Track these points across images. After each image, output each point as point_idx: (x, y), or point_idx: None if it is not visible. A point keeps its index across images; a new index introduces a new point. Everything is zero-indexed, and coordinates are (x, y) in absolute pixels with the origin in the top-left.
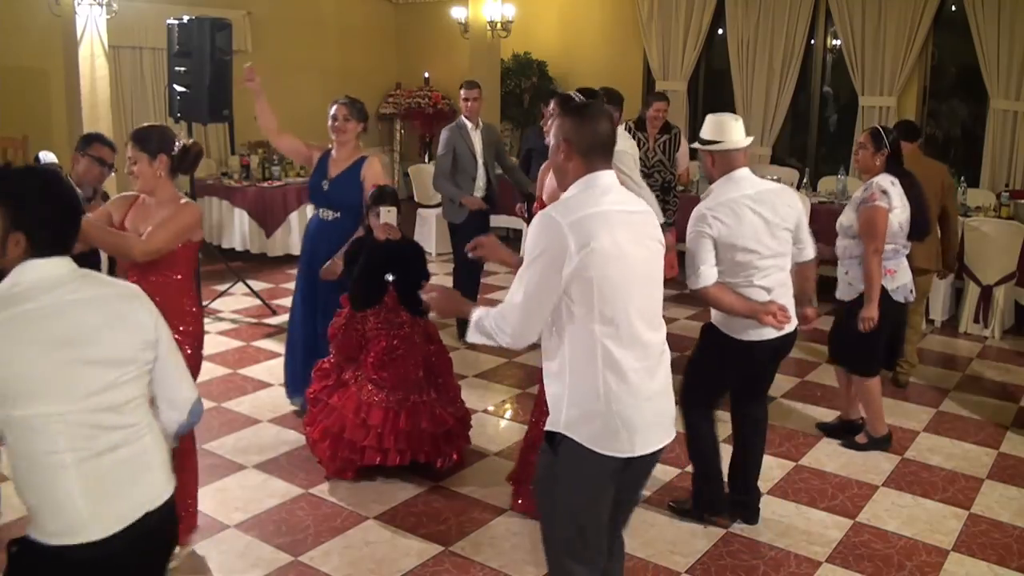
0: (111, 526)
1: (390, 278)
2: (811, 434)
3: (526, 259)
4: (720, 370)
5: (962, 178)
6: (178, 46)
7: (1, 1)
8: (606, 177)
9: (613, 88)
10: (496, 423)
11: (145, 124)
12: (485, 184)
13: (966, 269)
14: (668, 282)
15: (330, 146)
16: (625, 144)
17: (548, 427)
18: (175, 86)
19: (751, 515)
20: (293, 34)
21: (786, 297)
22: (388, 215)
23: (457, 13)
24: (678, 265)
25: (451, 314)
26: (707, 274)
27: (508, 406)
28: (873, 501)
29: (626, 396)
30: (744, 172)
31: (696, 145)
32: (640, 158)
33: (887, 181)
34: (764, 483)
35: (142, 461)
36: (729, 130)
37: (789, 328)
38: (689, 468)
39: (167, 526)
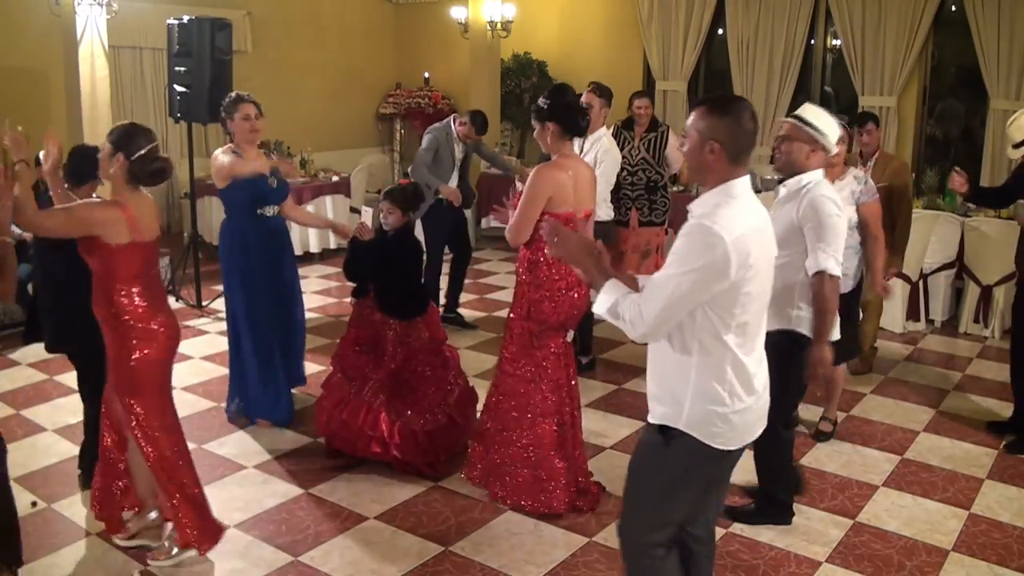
0: None
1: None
2: (811, 434)
3: (678, 264)
4: (800, 375)
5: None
6: (178, 46)
7: (1, 1)
8: (746, 181)
9: (603, 83)
10: None
11: (130, 122)
12: (457, 186)
13: (966, 269)
14: None
15: (232, 147)
16: (612, 143)
17: (661, 421)
18: (175, 86)
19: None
20: (293, 34)
21: None
22: (366, 214)
23: (457, 13)
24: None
25: (574, 263)
26: (837, 263)
27: None
28: (873, 501)
29: (746, 397)
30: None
31: (808, 128)
32: (624, 156)
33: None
34: None
35: None
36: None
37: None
38: None
39: None
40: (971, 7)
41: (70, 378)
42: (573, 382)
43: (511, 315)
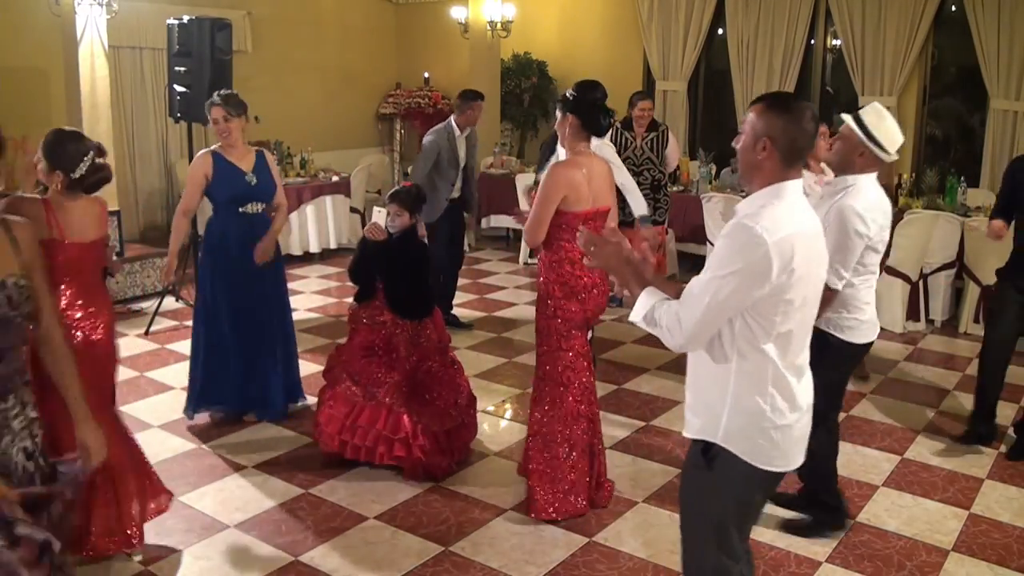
0: None
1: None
2: None
3: (718, 266)
4: (844, 380)
5: (962, 178)
6: (178, 46)
7: (1, 1)
8: (798, 185)
9: (596, 80)
10: (496, 423)
11: (61, 132)
12: (461, 186)
13: (966, 269)
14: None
15: (215, 148)
16: (605, 138)
17: (699, 435)
18: (175, 86)
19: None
20: (293, 34)
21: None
22: (378, 215)
23: (457, 13)
24: (667, 265)
25: (612, 271)
26: (840, 278)
27: (508, 406)
28: (873, 501)
29: (789, 413)
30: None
31: (859, 132)
32: (628, 157)
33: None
34: None
35: None
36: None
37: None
38: None
39: None
40: (971, 7)
41: None
42: (594, 380)
43: (537, 316)
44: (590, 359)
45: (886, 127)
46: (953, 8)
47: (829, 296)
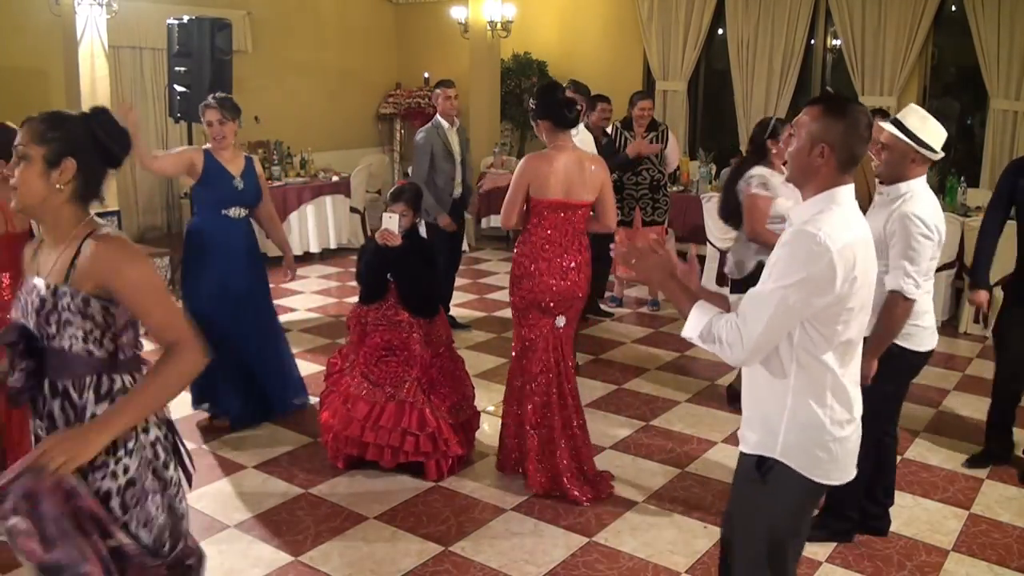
0: None
1: (389, 276)
2: None
3: (781, 276)
4: (900, 394)
5: (962, 178)
6: (178, 46)
7: (1, 1)
8: (851, 192)
9: (580, 81)
10: (496, 423)
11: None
12: (462, 182)
13: (966, 269)
14: None
15: (206, 147)
16: (588, 135)
17: (756, 450)
18: (175, 86)
19: (886, 525)
20: (293, 34)
21: None
22: (390, 221)
23: (457, 13)
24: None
25: (655, 286)
26: (916, 285)
27: None
28: None
29: (847, 425)
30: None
31: (905, 138)
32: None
33: None
34: None
35: None
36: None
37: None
38: (690, 468)
39: None
40: (971, 7)
41: None
42: (567, 366)
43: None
44: (560, 348)
45: (930, 127)
46: (953, 8)
47: (907, 307)
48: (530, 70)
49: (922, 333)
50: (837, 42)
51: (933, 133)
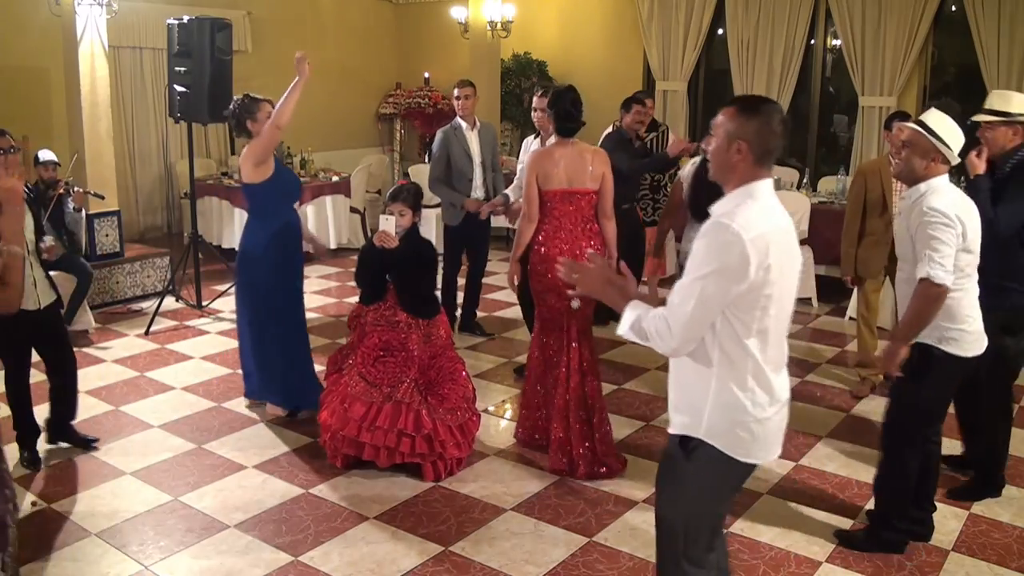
0: None
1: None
2: (811, 434)
3: (698, 267)
4: (944, 400)
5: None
6: (178, 46)
7: (1, 1)
8: (770, 185)
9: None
10: (496, 423)
11: None
12: (483, 185)
13: None
14: (663, 283)
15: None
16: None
17: (681, 431)
18: (175, 86)
19: (929, 531)
20: (293, 34)
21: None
22: (387, 223)
23: (457, 13)
24: (667, 266)
25: (597, 295)
26: (947, 272)
27: (508, 406)
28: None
29: (768, 407)
30: None
31: (928, 135)
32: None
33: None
34: (763, 483)
35: None
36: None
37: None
38: None
39: None
40: (971, 7)
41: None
42: (577, 347)
43: None
44: (577, 328)
45: (951, 128)
46: (953, 8)
47: (938, 292)
48: (530, 70)
49: (967, 338)
50: (837, 42)
51: (953, 134)
